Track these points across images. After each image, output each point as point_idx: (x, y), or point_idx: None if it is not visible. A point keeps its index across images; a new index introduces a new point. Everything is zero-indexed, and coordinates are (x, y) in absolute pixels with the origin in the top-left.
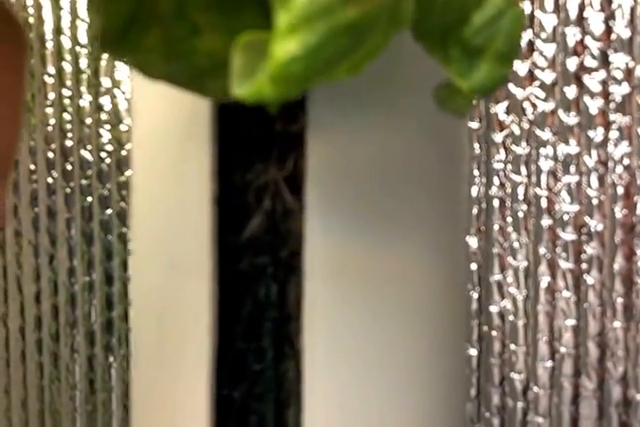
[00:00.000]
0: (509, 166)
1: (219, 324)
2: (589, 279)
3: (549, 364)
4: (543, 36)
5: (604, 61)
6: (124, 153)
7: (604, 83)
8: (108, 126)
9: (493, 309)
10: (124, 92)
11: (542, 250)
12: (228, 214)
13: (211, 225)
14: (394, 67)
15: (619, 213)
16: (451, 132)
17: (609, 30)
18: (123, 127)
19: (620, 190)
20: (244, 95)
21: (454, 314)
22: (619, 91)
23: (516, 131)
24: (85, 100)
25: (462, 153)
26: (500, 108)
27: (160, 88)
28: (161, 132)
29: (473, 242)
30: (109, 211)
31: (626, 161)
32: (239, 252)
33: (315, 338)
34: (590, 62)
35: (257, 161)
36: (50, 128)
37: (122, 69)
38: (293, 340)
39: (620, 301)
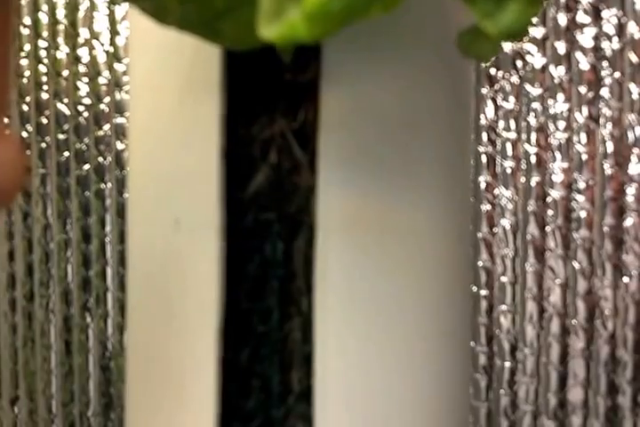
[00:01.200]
0: (499, 122)
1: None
2: (578, 237)
3: (537, 323)
4: None
5: (596, 17)
6: (102, 107)
7: (596, 38)
8: (85, 79)
9: (481, 266)
10: (102, 44)
11: (531, 207)
12: (233, 169)
13: (218, 180)
14: (410, 13)
15: (608, 170)
16: (463, 86)
17: None
18: (101, 80)
19: (610, 147)
20: (273, 36)
21: (463, 269)
22: (610, 46)
23: (506, 86)
24: (62, 52)
25: (470, 108)
26: (489, 63)
27: (162, 32)
28: (162, 82)
29: None
30: (86, 166)
31: (616, 118)
32: (244, 207)
33: (326, 297)
34: (582, 18)
35: (264, 112)
36: (25, 80)
37: (101, 20)
38: (299, 300)
39: (609, 259)
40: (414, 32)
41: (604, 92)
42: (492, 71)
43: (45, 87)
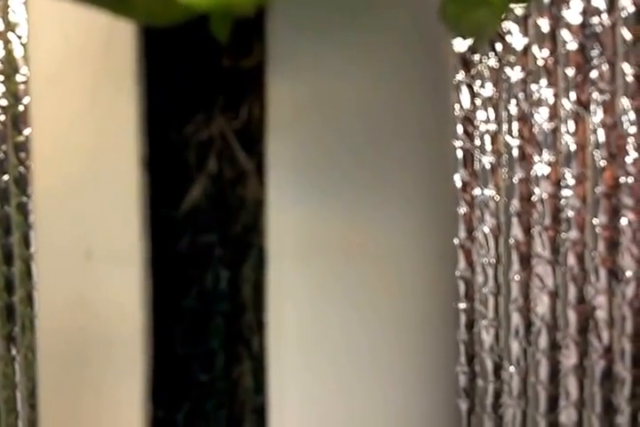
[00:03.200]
0: (476, 112)
1: (154, 324)
2: (568, 240)
3: (524, 338)
4: None
5: None
6: (21, 108)
7: (584, 14)
8: (1, 77)
9: (459, 276)
10: (19, 37)
11: (514, 207)
12: (161, 181)
13: (139, 196)
14: None
15: (600, 162)
16: (440, 69)
17: None
18: (19, 78)
19: (602, 137)
20: (204, 1)
21: (444, 296)
22: (600, 23)
23: (484, 71)
24: None
25: (450, 96)
26: (464, 45)
27: (66, 18)
28: (68, 77)
29: None
30: (6, 177)
31: (608, 103)
32: (177, 229)
33: (281, 335)
34: None
35: (198, 109)
36: None
37: (17, 10)
38: (249, 339)
39: (602, 263)
40: (384, 1)
41: (594, 74)
42: (467, 54)
43: None
